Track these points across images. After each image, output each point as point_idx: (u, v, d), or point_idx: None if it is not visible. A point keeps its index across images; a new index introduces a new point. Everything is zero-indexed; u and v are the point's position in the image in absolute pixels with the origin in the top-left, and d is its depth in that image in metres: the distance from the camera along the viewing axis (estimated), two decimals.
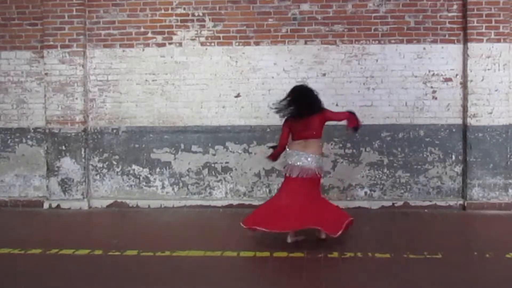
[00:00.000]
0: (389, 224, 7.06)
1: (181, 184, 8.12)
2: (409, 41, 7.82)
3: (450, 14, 7.80)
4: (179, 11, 8.01)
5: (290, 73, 7.92)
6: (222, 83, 8.02)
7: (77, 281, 5.07)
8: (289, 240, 5.99)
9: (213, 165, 8.07)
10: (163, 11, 8.02)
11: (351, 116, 6.16)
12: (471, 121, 7.70)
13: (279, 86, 7.90)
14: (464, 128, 7.78)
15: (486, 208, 7.65)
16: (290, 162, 6.06)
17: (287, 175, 6.10)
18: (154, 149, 8.12)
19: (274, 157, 6.34)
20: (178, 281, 5.07)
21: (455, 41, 7.79)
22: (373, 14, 7.86)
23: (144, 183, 8.16)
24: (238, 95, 8.01)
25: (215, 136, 8.05)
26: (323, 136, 6.19)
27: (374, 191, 7.94)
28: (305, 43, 7.91)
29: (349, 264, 5.50)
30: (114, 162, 8.17)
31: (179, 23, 8.03)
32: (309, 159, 5.99)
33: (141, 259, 5.67)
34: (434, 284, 4.91)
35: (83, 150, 8.06)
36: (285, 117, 6.07)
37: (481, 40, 7.64)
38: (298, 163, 5.99)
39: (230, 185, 8.06)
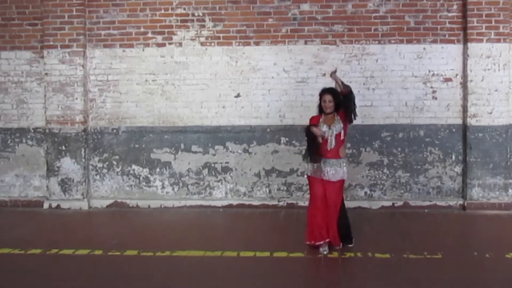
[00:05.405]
0: (389, 224, 7.06)
1: (181, 184, 8.12)
2: (409, 41, 7.83)
3: (450, 14, 7.80)
4: (179, 11, 8.01)
5: (290, 73, 7.93)
6: (222, 83, 8.02)
7: (77, 281, 5.08)
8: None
9: (213, 165, 8.07)
10: (163, 11, 8.03)
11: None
12: (471, 121, 7.70)
13: (279, 86, 7.92)
14: (464, 128, 7.78)
15: (486, 208, 7.66)
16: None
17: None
18: (154, 149, 8.12)
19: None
20: (178, 281, 5.07)
21: (455, 41, 7.80)
22: (373, 14, 7.86)
23: (144, 183, 8.16)
24: (238, 95, 8.01)
25: (215, 136, 8.05)
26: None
27: (374, 191, 7.94)
28: (305, 43, 7.92)
29: (349, 264, 5.50)
30: (114, 162, 8.17)
31: (179, 23, 8.03)
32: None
33: (141, 259, 5.66)
34: (434, 284, 4.91)
35: (83, 150, 8.07)
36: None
37: (481, 40, 7.64)
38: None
39: (230, 185, 8.06)
